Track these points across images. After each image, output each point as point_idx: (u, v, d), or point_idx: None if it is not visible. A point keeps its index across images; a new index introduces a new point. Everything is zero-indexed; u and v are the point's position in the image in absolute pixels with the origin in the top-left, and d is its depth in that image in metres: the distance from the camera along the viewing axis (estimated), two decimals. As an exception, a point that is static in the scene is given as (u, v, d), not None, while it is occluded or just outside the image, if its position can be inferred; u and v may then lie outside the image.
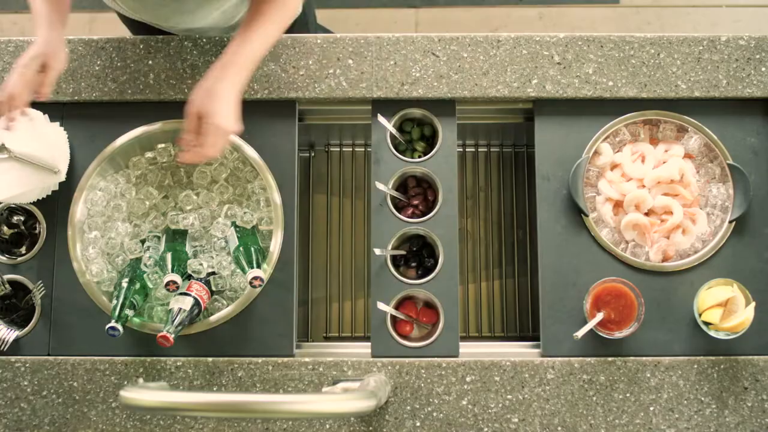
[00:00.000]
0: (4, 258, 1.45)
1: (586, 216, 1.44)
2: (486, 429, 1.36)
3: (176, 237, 1.44)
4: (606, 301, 1.35)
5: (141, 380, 1.38)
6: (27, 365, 1.40)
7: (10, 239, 1.49)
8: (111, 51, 1.52)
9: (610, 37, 1.51)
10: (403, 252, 1.50)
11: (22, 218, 1.49)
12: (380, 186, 1.39)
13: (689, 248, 1.45)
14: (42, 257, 1.45)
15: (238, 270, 1.41)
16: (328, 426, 1.36)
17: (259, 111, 1.50)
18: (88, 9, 2.79)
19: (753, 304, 1.34)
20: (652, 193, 1.45)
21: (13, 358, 1.40)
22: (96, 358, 1.40)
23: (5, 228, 1.50)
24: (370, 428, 1.36)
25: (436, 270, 1.43)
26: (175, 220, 1.47)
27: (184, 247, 1.43)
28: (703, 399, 1.36)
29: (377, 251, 1.39)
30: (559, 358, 1.38)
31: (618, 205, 1.47)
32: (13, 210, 1.48)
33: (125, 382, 1.38)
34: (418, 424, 1.36)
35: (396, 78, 1.49)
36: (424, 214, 1.46)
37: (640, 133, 1.50)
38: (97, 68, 1.51)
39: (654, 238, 1.44)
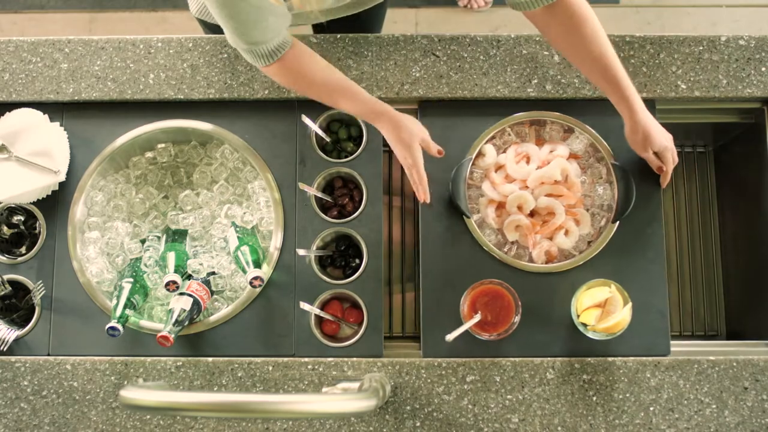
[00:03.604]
0: (4, 258, 1.45)
1: (468, 218, 1.43)
2: (486, 429, 1.36)
3: (176, 237, 1.44)
4: (483, 303, 1.33)
5: (141, 380, 1.38)
6: (27, 365, 1.40)
7: (10, 239, 1.49)
8: (111, 51, 1.52)
9: (610, 37, 1.50)
10: (328, 252, 1.49)
11: (22, 218, 1.49)
12: (303, 187, 1.39)
13: (573, 249, 1.44)
14: (42, 257, 1.45)
15: (238, 270, 1.41)
16: (328, 426, 1.36)
17: (259, 111, 1.50)
18: (88, 9, 2.79)
19: (629, 304, 1.32)
20: (535, 194, 1.43)
21: (13, 358, 1.40)
22: (96, 358, 1.40)
23: (5, 228, 1.50)
24: (370, 428, 1.36)
25: (360, 270, 1.43)
26: (175, 220, 1.47)
27: (184, 247, 1.43)
28: (703, 399, 1.36)
29: (301, 252, 1.38)
30: (560, 358, 1.38)
31: (501, 206, 1.45)
32: (13, 210, 1.48)
33: (125, 382, 1.38)
34: (418, 424, 1.36)
35: (396, 78, 1.49)
36: (351, 215, 1.45)
37: (527, 134, 1.49)
38: (97, 68, 1.51)
39: (536, 240, 1.43)
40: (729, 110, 1.54)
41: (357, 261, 1.47)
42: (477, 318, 1.31)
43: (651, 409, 1.36)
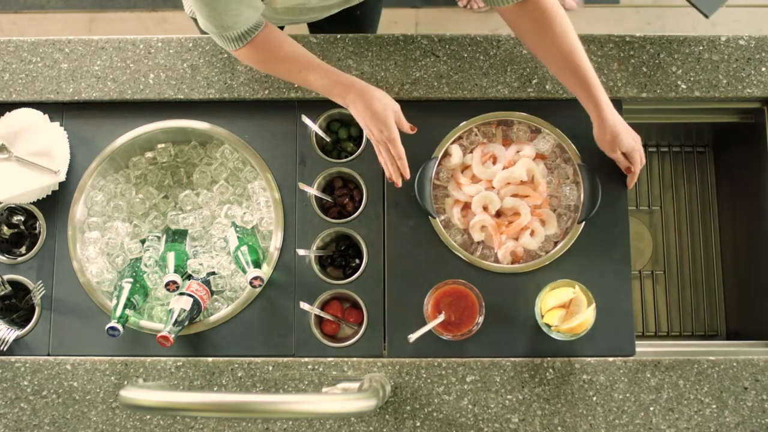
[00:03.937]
0: (4, 258, 1.45)
1: (434, 218, 1.43)
2: (486, 429, 1.36)
3: (176, 237, 1.44)
4: (447, 303, 1.33)
5: (141, 380, 1.38)
6: (27, 365, 1.40)
7: (10, 239, 1.49)
8: (111, 51, 1.52)
9: (610, 37, 1.51)
10: (328, 252, 1.49)
11: (22, 218, 1.49)
12: (303, 187, 1.39)
13: (540, 249, 1.43)
14: (42, 257, 1.45)
15: (238, 270, 1.41)
16: (328, 426, 1.36)
17: (259, 111, 1.50)
18: (88, 9, 2.79)
19: (593, 305, 1.31)
20: (501, 195, 1.43)
21: (13, 358, 1.40)
22: (96, 358, 1.40)
23: (5, 228, 1.50)
24: (370, 428, 1.36)
25: (360, 270, 1.42)
26: (175, 220, 1.47)
27: (184, 247, 1.43)
28: (703, 399, 1.36)
29: (301, 252, 1.38)
30: (560, 359, 1.38)
31: (467, 207, 1.45)
32: (13, 210, 1.48)
33: (125, 382, 1.38)
34: (418, 424, 1.36)
35: (396, 78, 1.49)
36: (351, 215, 1.45)
37: (494, 134, 1.49)
38: (97, 68, 1.51)
39: (501, 240, 1.42)
40: (729, 110, 1.54)
41: (357, 261, 1.47)
42: (441, 318, 1.31)
43: (651, 409, 1.36)
